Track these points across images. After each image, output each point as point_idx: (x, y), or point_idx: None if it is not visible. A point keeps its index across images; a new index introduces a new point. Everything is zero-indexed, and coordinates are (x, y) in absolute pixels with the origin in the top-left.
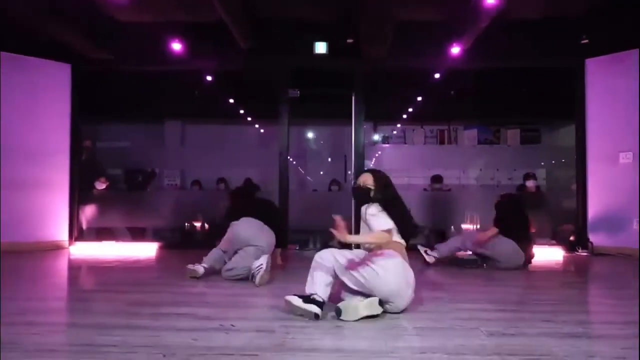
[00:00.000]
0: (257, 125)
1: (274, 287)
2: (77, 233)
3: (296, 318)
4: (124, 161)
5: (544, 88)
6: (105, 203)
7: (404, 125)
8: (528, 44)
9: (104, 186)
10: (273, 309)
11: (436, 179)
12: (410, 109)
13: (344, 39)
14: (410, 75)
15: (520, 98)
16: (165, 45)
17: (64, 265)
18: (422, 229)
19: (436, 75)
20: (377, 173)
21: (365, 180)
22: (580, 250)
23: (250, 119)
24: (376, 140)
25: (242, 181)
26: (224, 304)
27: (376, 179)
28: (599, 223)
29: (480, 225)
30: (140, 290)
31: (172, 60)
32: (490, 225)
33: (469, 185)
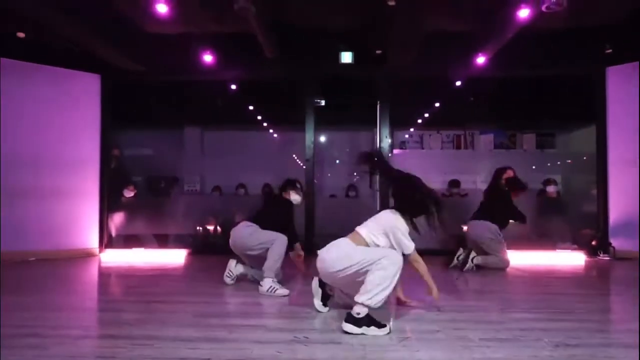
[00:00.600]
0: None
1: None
2: (107, 240)
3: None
4: (146, 168)
5: (560, 94)
6: (132, 210)
7: (420, 130)
8: (549, 52)
9: (132, 194)
10: (333, 320)
11: (453, 183)
12: (427, 115)
13: (370, 48)
14: (430, 82)
15: (536, 103)
16: (193, 56)
17: (98, 272)
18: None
19: (457, 83)
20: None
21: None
22: (602, 255)
23: (266, 124)
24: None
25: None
26: (285, 315)
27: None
28: (620, 227)
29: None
30: (194, 300)
31: (200, 71)
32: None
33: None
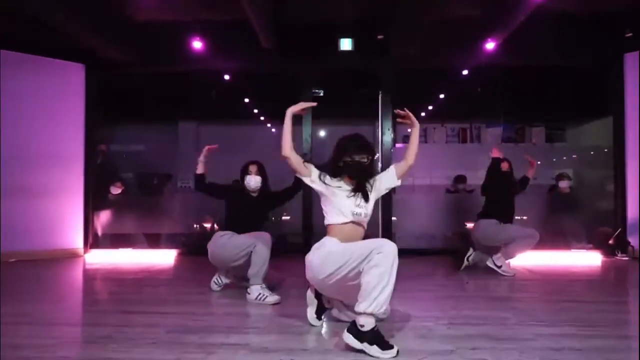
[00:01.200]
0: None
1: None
2: (93, 240)
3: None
4: (138, 164)
5: (571, 84)
6: (120, 208)
7: (424, 123)
8: (561, 39)
9: (119, 191)
10: (328, 337)
11: (459, 179)
12: (431, 107)
13: (373, 36)
14: (435, 72)
15: (545, 94)
16: (184, 45)
17: (79, 276)
18: None
19: (464, 72)
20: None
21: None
22: (620, 255)
23: (263, 118)
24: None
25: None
26: (272, 330)
27: None
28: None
29: None
30: (174, 311)
31: (191, 61)
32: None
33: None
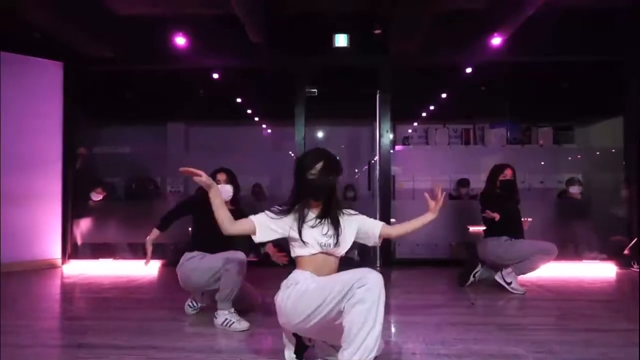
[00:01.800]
0: (264, 126)
1: None
2: (71, 250)
3: None
4: (123, 168)
5: (580, 82)
6: (102, 216)
7: (425, 124)
8: (570, 34)
9: (100, 197)
10: None
11: (462, 182)
12: (432, 107)
13: (370, 32)
14: (437, 69)
15: (553, 93)
16: (170, 41)
17: (46, 292)
18: None
19: (468, 70)
20: None
21: None
22: (635, 266)
23: (257, 119)
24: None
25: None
26: None
27: None
28: None
29: None
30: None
31: (179, 57)
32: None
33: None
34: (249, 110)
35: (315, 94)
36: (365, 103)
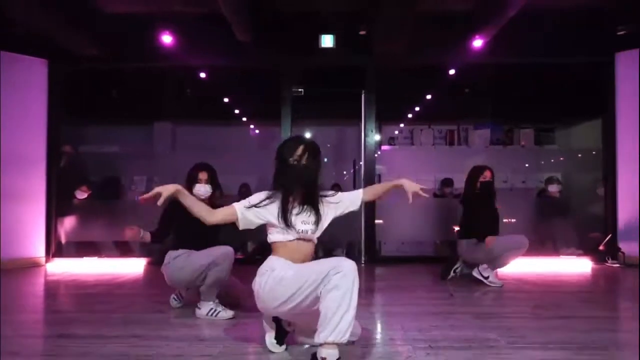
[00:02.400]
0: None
1: None
2: (55, 248)
3: None
4: (108, 167)
5: (560, 84)
6: (87, 214)
7: (410, 125)
8: (551, 37)
9: (85, 195)
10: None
11: (446, 182)
12: (418, 108)
13: (355, 32)
14: (421, 71)
15: (534, 95)
16: (155, 40)
17: (30, 289)
18: None
19: (451, 72)
20: None
21: None
22: (610, 261)
23: (245, 118)
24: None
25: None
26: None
27: None
28: (630, 230)
29: None
30: (119, 334)
31: (163, 56)
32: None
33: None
34: (236, 110)
35: (302, 93)
36: (351, 103)
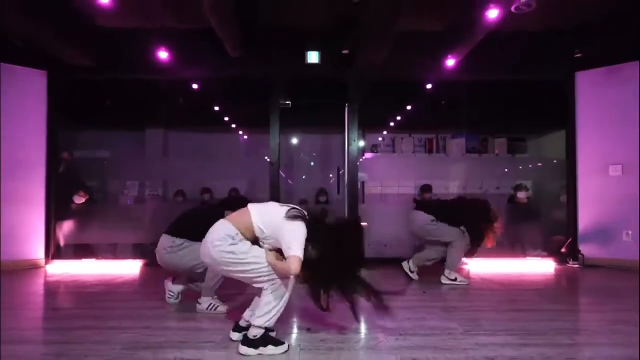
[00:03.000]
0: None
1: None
2: (54, 250)
3: None
4: (102, 172)
5: (531, 98)
6: (84, 218)
7: (392, 133)
8: (519, 55)
9: (82, 200)
10: (296, 352)
11: (425, 188)
12: (399, 117)
13: (340, 48)
14: (402, 83)
15: (507, 107)
16: (149, 53)
17: (35, 288)
18: None
19: (428, 86)
20: None
21: None
22: (571, 262)
23: (234, 125)
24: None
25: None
26: (227, 344)
27: None
28: (589, 234)
29: None
30: (129, 325)
31: (157, 69)
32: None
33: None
34: (226, 118)
35: (289, 105)
36: (335, 114)
